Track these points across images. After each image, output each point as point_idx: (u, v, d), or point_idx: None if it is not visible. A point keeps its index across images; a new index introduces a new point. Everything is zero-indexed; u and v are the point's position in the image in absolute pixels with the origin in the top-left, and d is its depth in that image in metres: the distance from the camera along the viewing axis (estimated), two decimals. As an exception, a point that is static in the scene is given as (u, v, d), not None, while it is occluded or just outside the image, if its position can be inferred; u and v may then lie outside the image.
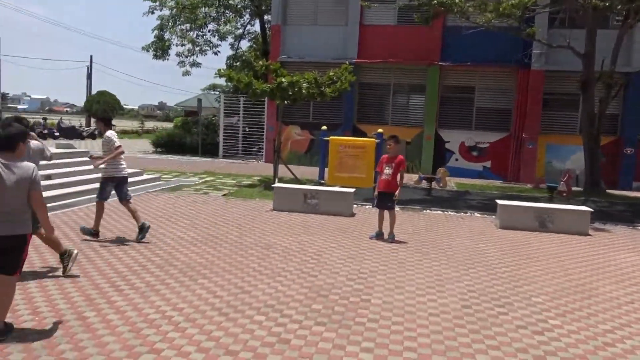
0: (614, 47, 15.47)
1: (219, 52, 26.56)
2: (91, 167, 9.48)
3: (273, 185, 10.41)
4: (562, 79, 18.71)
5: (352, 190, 10.27)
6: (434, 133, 19.75)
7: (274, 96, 13.53)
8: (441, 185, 13.69)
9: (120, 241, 7.07)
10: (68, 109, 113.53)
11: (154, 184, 13.13)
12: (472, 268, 6.52)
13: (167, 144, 24.16)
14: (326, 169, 13.09)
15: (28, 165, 3.97)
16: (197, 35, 24.91)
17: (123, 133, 45.25)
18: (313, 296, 5.16)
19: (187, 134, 24.34)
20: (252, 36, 27.82)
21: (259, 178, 15.39)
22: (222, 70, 13.42)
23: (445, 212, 11.07)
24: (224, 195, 12.00)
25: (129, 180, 7.78)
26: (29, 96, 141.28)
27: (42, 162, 6.13)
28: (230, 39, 26.70)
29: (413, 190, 14.26)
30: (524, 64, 18.59)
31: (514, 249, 7.79)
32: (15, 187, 3.84)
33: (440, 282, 5.83)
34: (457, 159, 19.85)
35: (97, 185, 7.77)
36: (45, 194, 10.50)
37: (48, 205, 10.08)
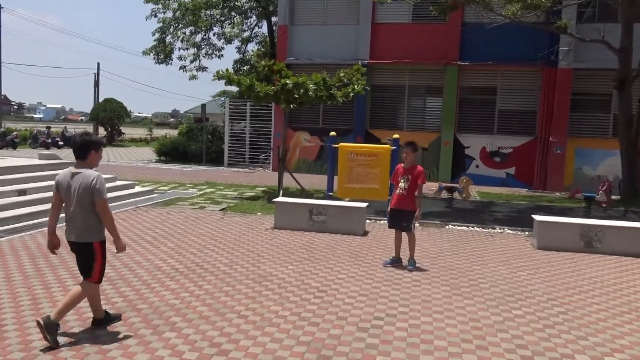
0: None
1: (222, 55, 24.83)
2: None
3: (274, 200, 9.15)
4: (592, 78, 17.26)
5: (364, 205, 8.96)
6: (452, 138, 18.38)
7: (278, 99, 12.29)
8: (464, 196, 12.33)
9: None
10: (83, 118, 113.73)
11: (147, 197, 11.95)
12: (516, 309, 5.17)
13: (170, 153, 23.07)
14: (336, 178, 11.80)
15: (90, 173, 4.05)
16: (202, 38, 23.85)
17: (131, 141, 44.53)
18: (311, 358, 3.87)
19: (191, 142, 23.24)
20: (260, 39, 26.73)
21: (263, 189, 14.15)
22: (221, 72, 12.22)
23: (471, 228, 9.72)
24: (222, 210, 10.77)
25: (120, 193, 6.54)
26: (45, 105, 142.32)
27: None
28: (237, 42, 25.63)
29: (432, 202, 12.89)
30: (550, 62, 17.16)
31: (562, 278, 6.42)
32: (79, 195, 4.00)
33: (479, 333, 4.51)
34: (477, 166, 18.44)
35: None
36: (17, 211, 9.46)
37: (17, 225, 9.07)
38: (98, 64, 47.21)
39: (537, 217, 8.27)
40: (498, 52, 17.49)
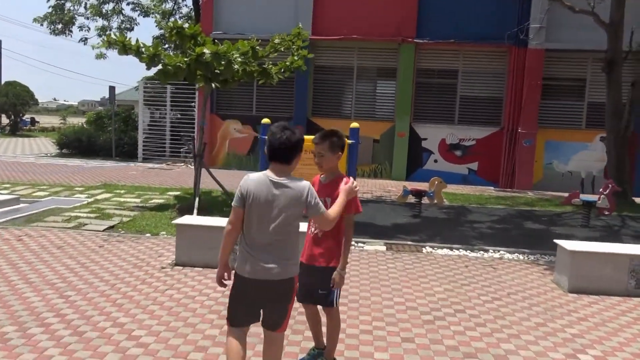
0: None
1: (131, 28, 20.67)
2: None
3: (175, 222, 6.06)
4: (565, 61, 15.15)
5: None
6: (408, 128, 15.81)
7: (193, 75, 9.13)
8: (435, 202, 9.71)
9: None
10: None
11: (7, 209, 8.51)
12: None
13: (73, 145, 19.21)
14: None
15: (302, 183, 2.92)
16: (114, 8, 19.99)
17: (41, 131, 39.73)
18: None
19: (100, 132, 19.50)
20: (184, 13, 23.13)
21: (177, 193, 10.96)
22: (111, 37, 8.91)
23: (457, 252, 7.07)
24: (108, 229, 7.56)
25: None
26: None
27: None
28: (157, 15, 21.89)
29: (394, 210, 10.21)
30: (519, 41, 14.88)
31: (651, 365, 3.81)
32: (286, 213, 2.85)
33: None
34: (436, 160, 15.99)
35: None
36: None
37: None
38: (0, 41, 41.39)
39: (566, 245, 5.65)
40: (461, 29, 15.05)
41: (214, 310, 4.53)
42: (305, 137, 3.26)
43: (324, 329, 3.53)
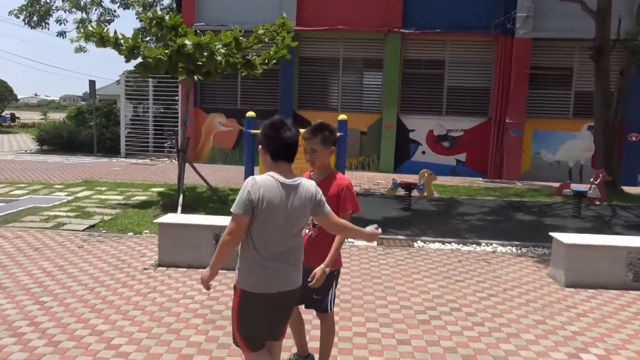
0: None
1: (111, 20, 20.04)
2: None
3: (157, 221, 5.80)
4: (552, 50, 15.03)
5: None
6: (395, 120, 15.62)
7: (174, 68, 8.83)
8: (425, 194, 9.54)
9: None
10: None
11: (-18, 209, 8.18)
12: None
13: (53, 141, 18.73)
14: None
15: (309, 182, 2.68)
16: (92, 0, 19.42)
17: (22, 127, 39.02)
18: None
19: (81, 127, 19.03)
20: (166, 5, 22.62)
21: (161, 189, 10.67)
22: (88, 29, 8.55)
23: (449, 245, 6.91)
24: (88, 229, 7.28)
25: None
26: None
27: None
28: (137, 7, 21.35)
29: (384, 203, 10.03)
30: (506, 30, 14.74)
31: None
32: (302, 217, 2.63)
33: None
34: (424, 152, 15.84)
35: None
36: None
37: None
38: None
39: (561, 238, 5.49)
40: (447, 18, 14.86)
41: (200, 314, 4.30)
42: (301, 130, 3.03)
43: (314, 334, 3.32)
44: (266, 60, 9.59)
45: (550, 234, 5.77)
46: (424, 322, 4.25)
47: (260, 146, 2.65)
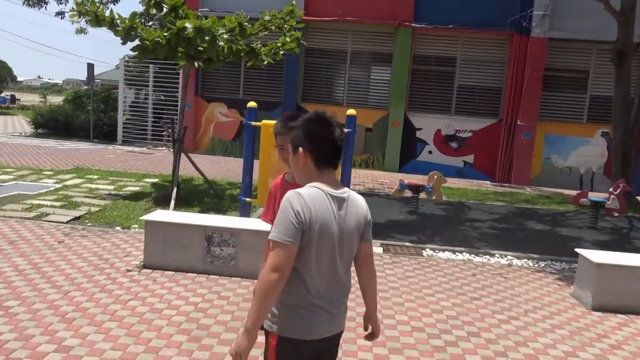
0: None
1: (112, 1, 19.43)
2: None
3: (143, 218, 5.28)
4: (569, 51, 14.45)
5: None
6: (402, 118, 15.06)
7: (173, 52, 8.29)
8: (434, 198, 9.02)
9: None
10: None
11: (-39, 194, 7.66)
12: None
13: (49, 124, 18.18)
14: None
15: (359, 196, 2.11)
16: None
17: (21, 109, 38.46)
18: None
19: (78, 112, 18.47)
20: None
21: (155, 180, 10.14)
22: (82, 6, 8.02)
23: (461, 255, 6.40)
24: (72, 220, 6.76)
25: None
26: None
27: None
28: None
29: (389, 204, 9.51)
30: (521, 28, 14.16)
31: None
32: (355, 240, 2.07)
33: None
34: (430, 152, 15.29)
35: None
36: None
37: None
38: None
39: (590, 256, 4.97)
40: (460, 14, 14.27)
41: (184, 329, 3.79)
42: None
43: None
44: (272, 51, 9.04)
45: (577, 250, 5.24)
46: (439, 349, 3.74)
47: (299, 149, 2.03)
